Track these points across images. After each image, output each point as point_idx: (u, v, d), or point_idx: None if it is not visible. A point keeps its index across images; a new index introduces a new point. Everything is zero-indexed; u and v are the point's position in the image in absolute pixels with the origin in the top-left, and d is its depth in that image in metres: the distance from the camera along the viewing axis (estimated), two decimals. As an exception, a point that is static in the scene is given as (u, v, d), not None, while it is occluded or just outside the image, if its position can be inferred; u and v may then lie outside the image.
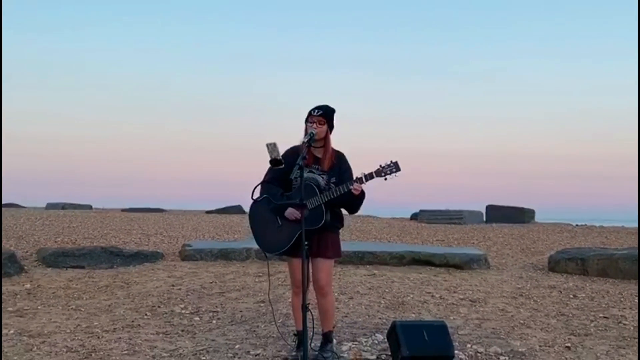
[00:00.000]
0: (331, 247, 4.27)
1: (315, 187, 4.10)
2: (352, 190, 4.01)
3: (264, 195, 4.22)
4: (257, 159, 4.30)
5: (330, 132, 4.27)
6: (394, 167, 4.02)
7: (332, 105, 4.26)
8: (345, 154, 4.41)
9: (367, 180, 4.05)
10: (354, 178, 4.09)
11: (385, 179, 4.05)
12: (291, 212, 4.08)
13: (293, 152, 4.18)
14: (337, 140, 4.43)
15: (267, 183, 4.21)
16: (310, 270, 4.28)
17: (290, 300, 4.53)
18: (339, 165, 4.27)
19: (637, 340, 5.05)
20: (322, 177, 4.18)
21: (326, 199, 4.06)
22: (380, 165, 4.05)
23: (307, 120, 4.22)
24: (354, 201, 4.15)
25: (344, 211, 4.37)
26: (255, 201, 4.25)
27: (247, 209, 4.64)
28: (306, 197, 4.04)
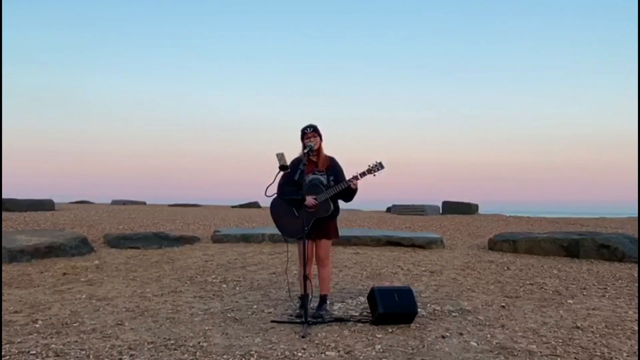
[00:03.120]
0: (332, 230, 4.38)
1: (321, 185, 4.23)
2: (351, 185, 4.16)
3: (274, 193, 4.37)
4: (268, 165, 4.36)
5: (322, 142, 4.38)
6: (379, 166, 4.17)
7: (314, 123, 4.36)
8: (336, 157, 4.49)
9: (361, 177, 4.19)
10: (352, 176, 4.20)
11: (374, 175, 4.18)
12: (309, 200, 4.16)
13: (297, 160, 4.29)
14: (332, 149, 4.53)
15: (283, 185, 4.33)
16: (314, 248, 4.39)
17: (295, 272, 4.61)
18: (334, 166, 4.36)
19: (555, 301, 5.11)
20: (324, 177, 4.29)
21: (332, 194, 4.18)
22: (369, 165, 4.18)
23: (303, 138, 4.32)
24: (351, 193, 4.27)
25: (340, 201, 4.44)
26: (266, 195, 4.35)
27: (262, 204, 4.74)
28: (315, 193, 4.19)
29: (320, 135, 4.35)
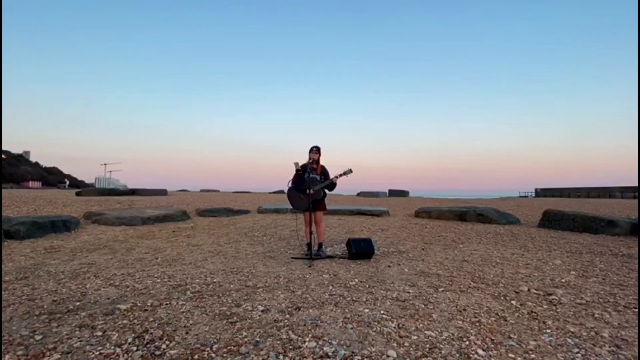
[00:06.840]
0: (322, 206, 4.34)
1: (317, 181, 4.22)
2: (333, 181, 4.15)
3: (292, 184, 4.35)
4: (290, 167, 4.32)
5: (320, 156, 4.33)
6: (350, 171, 4.14)
7: (319, 144, 4.33)
8: (326, 166, 4.42)
9: (339, 177, 4.16)
10: (333, 176, 4.18)
11: (347, 175, 4.16)
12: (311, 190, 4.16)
13: (304, 166, 4.28)
14: (325, 159, 4.45)
15: (295, 180, 4.31)
16: (313, 216, 4.34)
17: (303, 229, 4.57)
18: (325, 171, 4.32)
19: (452, 246, 5.04)
20: (318, 176, 4.27)
21: (320, 186, 4.17)
22: (344, 170, 4.16)
23: (310, 152, 4.30)
24: (332, 186, 4.24)
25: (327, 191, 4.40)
26: (288, 186, 4.32)
27: (286, 191, 4.69)
28: (313, 185, 4.17)
29: (319, 152, 4.31)
